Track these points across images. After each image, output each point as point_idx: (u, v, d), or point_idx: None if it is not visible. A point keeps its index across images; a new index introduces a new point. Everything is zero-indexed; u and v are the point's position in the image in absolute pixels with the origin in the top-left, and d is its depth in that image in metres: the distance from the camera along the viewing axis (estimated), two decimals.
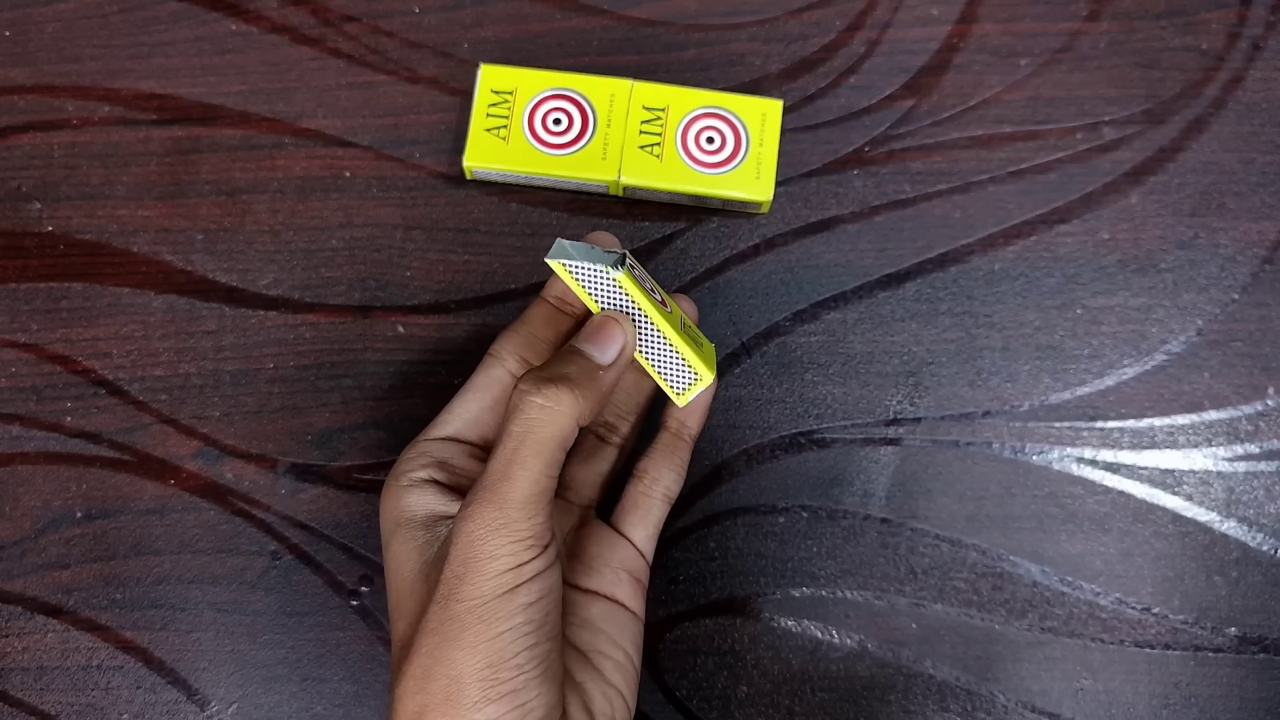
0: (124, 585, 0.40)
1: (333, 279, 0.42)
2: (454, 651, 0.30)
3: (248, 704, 0.39)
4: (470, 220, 0.43)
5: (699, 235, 0.43)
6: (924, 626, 0.39)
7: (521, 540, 0.30)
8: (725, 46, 0.45)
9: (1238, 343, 0.42)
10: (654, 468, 0.38)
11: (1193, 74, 0.44)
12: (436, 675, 0.30)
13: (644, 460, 0.39)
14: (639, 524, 0.38)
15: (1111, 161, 0.43)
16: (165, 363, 0.42)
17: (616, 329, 0.34)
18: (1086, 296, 0.42)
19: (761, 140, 0.42)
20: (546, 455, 0.31)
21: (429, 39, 0.45)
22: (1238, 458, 0.41)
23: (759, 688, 0.39)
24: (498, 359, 0.36)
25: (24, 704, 0.39)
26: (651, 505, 0.38)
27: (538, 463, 0.31)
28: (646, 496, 0.38)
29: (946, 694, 0.39)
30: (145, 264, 0.43)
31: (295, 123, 0.44)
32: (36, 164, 0.44)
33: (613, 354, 0.33)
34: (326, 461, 0.41)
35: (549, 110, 0.42)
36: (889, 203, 0.43)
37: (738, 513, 0.40)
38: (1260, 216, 0.43)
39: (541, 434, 0.31)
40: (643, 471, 0.38)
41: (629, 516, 0.38)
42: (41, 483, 0.41)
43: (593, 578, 0.36)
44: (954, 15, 0.45)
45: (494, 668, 0.29)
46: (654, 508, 0.38)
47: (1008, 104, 0.44)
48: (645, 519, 0.38)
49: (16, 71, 0.45)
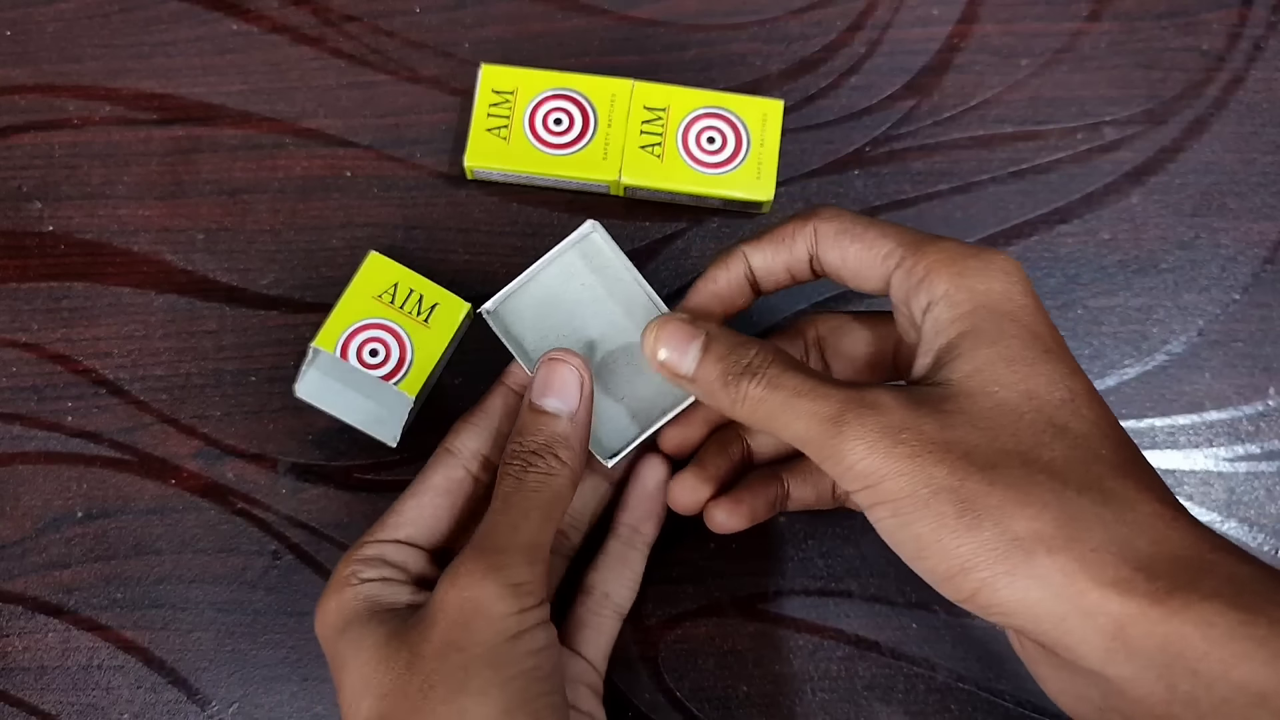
0: (124, 585, 0.40)
1: (333, 279, 0.42)
2: (464, 700, 0.28)
3: (248, 704, 0.39)
4: (471, 220, 0.43)
5: (699, 235, 0.43)
6: (924, 626, 0.39)
7: (522, 585, 0.29)
8: (726, 46, 0.45)
9: (1239, 343, 0.42)
10: (603, 582, 0.36)
11: (1194, 74, 0.44)
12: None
13: (593, 573, 0.36)
14: (591, 642, 0.35)
15: (1112, 162, 0.43)
16: (166, 362, 0.42)
17: (567, 370, 0.32)
18: (1087, 297, 0.42)
19: (762, 140, 0.42)
20: (542, 512, 0.31)
21: (430, 39, 0.45)
22: (1239, 458, 0.41)
23: (759, 688, 0.39)
24: (457, 457, 0.34)
25: (24, 704, 0.39)
26: (602, 623, 0.36)
27: (537, 515, 0.30)
28: (596, 615, 0.36)
29: (947, 694, 0.39)
30: (146, 264, 0.43)
31: (296, 122, 0.44)
32: (37, 164, 0.44)
33: (575, 399, 0.32)
34: (327, 461, 0.41)
35: (550, 110, 0.42)
36: (890, 203, 0.43)
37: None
38: (1261, 217, 0.43)
39: (539, 496, 0.31)
40: (591, 586, 0.36)
41: (579, 634, 0.35)
42: (42, 482, 0.41)
43: None
44: (955, 15, 0.45)
45: (509, 713, 0.28)
46: (604, 625, 0.36)
47: (1008, 104, 0.44)
48: (597, 637, 0.36)
49: (17, 71, 0.45)
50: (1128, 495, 0.27)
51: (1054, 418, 0.27)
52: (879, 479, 0.27)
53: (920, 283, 0.29)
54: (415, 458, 0.41)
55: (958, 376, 0.28)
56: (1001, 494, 0.26)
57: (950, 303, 0.29)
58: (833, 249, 0.31)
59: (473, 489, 0.34)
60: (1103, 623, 0.25)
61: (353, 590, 0.32)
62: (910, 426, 0.27)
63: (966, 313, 0.29)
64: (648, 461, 0.37)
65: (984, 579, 0.26)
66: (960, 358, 0.28)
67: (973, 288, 0.29)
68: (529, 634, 0.29)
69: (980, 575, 0.26)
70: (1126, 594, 0.25)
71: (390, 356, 0.37)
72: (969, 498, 0.26)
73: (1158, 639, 0.24)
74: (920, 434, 0.27)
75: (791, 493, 0.36)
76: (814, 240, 0.32)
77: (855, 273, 0.31)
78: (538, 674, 0.29)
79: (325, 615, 0.32)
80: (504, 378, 0.36)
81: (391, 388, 0.37)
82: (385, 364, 0.37)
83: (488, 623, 0.28)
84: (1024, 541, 0.25)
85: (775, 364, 0.29)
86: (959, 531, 0.26)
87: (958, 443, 0.27)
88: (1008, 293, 0.29)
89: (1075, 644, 0.25)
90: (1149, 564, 0.25)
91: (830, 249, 0.31)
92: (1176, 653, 0.24)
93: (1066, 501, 0.26)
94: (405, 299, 0.38)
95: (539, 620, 0.30)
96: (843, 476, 0.28)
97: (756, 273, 0.33)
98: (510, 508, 0.30)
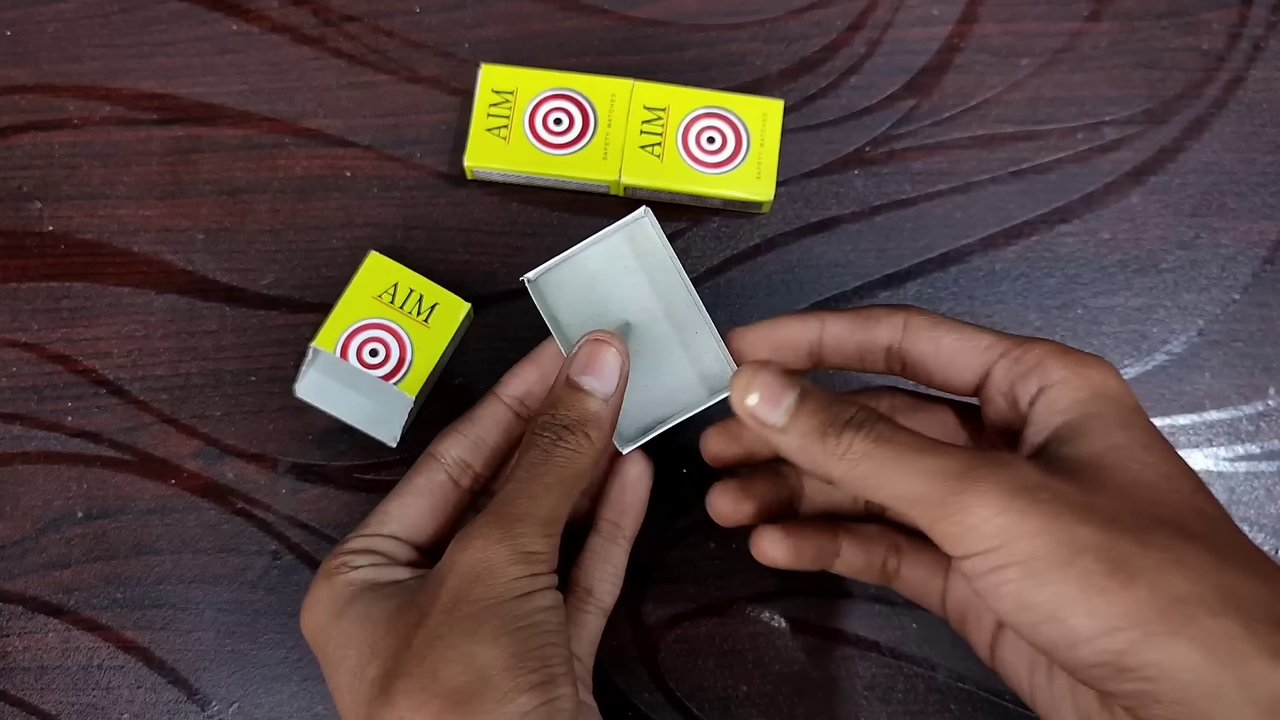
0: (125, 585, 0.40)
1: (333, 279, 0.42)
2: (472, 645, 0.28)
3: (248, 704, 0.39)
4: (471, 220, 0.43)
5: (699, 235, 0.43)
6: (924, 626, 0.39)
7: (535, 554, 0.29)
8: (726, 46, 0.45)
9: (1239, 343, 0.42)
10: (585, 577, 0.36)
11: (1194, 74, 0.44)
12: (451, 675, 0.27)
13: (575, 569, 0.36)
14: (576, 638, 0.35)
15: (1112, 161, 0.43)
16: (166, 362, 0.42)
17: (610, 352, 0.32)
18: (1087, 297, 0.42)
19: (762, 140, 0.42)
20: (564, 487, 0.31)
21: (430, 39, 0.45)
22: (1239, 458, 0.41)
23: (759, 688, 0.39)
24: (441, 463, 0.35)
25: (24, 704, 0.39)
26: (585, 620, 0.35)
27: (559, 489, 0.31)
28: (579, 611, 0.35)
29: (947, 694, 0.39)
30: (146, 264, 0.43)
31: (296, 122, 0.44)
32: (37, 164, 0.44)
33: (613, 382, 0.32)
34: (327, 461, 0.41)
35: (550, 110, 0.42)
36: (890, 203, 0.43)
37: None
38: (1261, 216, 0.43)
39: (563, 471, 0.31)
40: (574, 582, 0.36)
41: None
42: (42, 482, 0.41)
43: None
44: (955, 15, 0.45)
45: (520, 658, 0.28)
46: (587, 622, 0.35)
47: (1009, 104, 0.44)
48: (581, 633, 0.35)
49: (17, 71, 0.45)
50: (1266, 565, 0.26)
51: (1192, 500, 0.27)
52: (1011, 538, 0.25)
53: (1032, 370, 0.29)
54: (415, 458, 0.41)
55: (1089, 453, 0.27)
56: (1158, 555, 0.25)
57: (1070, 386, 0.28)
58: (926, 339, 0.31)
59: (454, 494, 0.35)
60: (1260, 694, 0.23)
61: (344, 578, 0.32)
62: (1047, 488, 0.26)
63: (1088, 398, 0.28)
64: (627, 458, 0.37)
65: (1134, 639, 0.24)
66: (1089, 436, 0.28)
67: (1090, 376, 0.29)
68: (538, 594, 0.29)
69: (1130, 635, 0.24)
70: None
71: (390, 356, 0.37)
72: (1120, 558, 0.25)
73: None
74: (1059, 494, 0.26)
75: (843, 552, 0.35)
76: (903, 329, 0.32)
77: (948, 363, 0.31)
78: (546, 626, 0.29)
79: (315, 606, 0.32)
80: (496, 388, 0.36)
81: (391, 388, 0.37)
82: (385, 364, 0.37)
83: (498, 580, 0.29)
84: (1184, 603, 0.24)
85: (882, 421, 0.28)
86: (1110, 590, 0.24)
87: (1101, 506, 0.26)
88: (1121, 388, 0.29)
89: (1224, 715, 0.24)
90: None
91: (923, 339, 0.31)
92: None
93: (1224, 571, 0.25)
94: (405, 299, 0.38)
95: (548, 585, 0.30)
96: (964, 537, 0.26)
97: (826, 342, 0.33)
98: (534, 479, 0.31)
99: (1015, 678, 0.31)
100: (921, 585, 0.34)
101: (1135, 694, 0.25)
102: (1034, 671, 0.30)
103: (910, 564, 0.34)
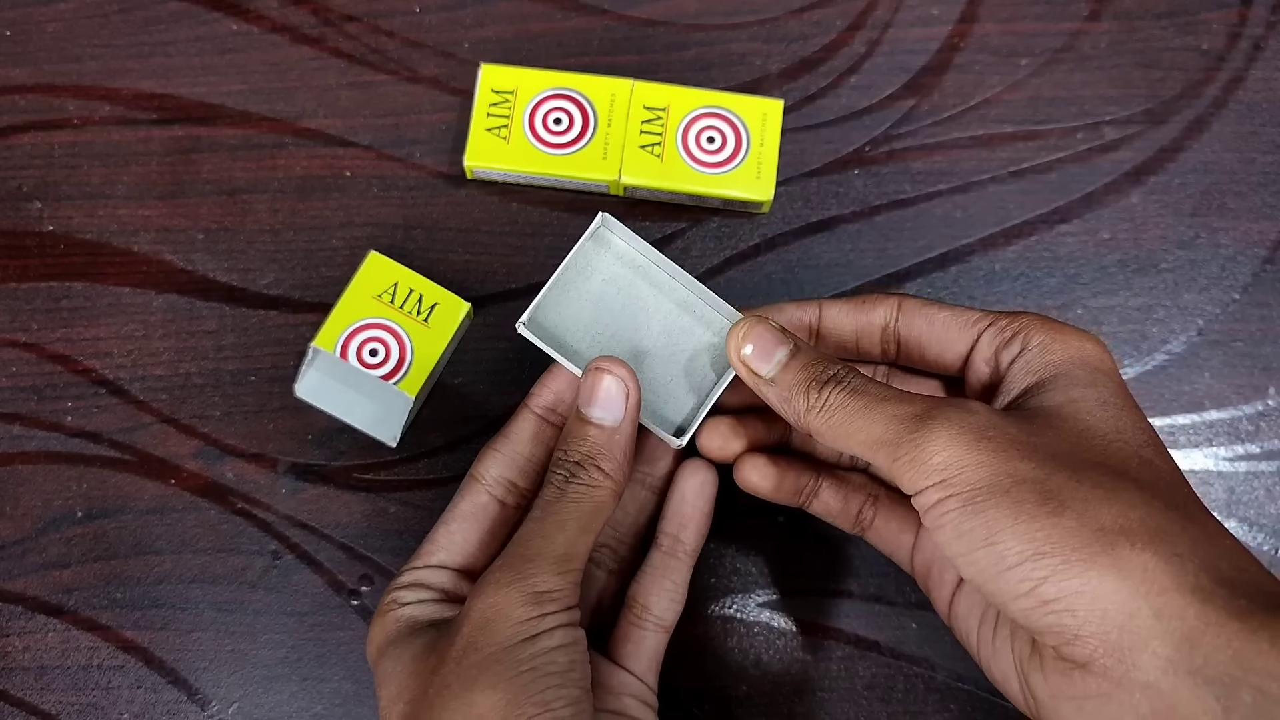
0: (124, 585, 0.40)
1: (333, 279, 0.42)
2: (472, 695, 0.28)
3: (248, 704, 0.39)
4: (471, 220, 0.43)
5: (699, 235, 0.43)
6: (924, 626, 0.39)
7: (546, 594, 0.29)
8: (726, 46, 0.45)
9: (1238, 343, 0.42)
10: (643, 594, 0.35)
11: (1193, 74, 0.44)
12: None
13: (634, 584, 0.36)
14: (633, 656, 0.35)
15: (1112, 161, 0.43)
16: (166, 362, 0.42)
17: (609, 379, 0.32)
18: (1087, 296, 0.42)
19: (762, 140, 0.42)
20: (579, 523, 0.31)
21: (430, 39, 0.45)
22: (1238, 458, 0.41)
23: (759, 688, 0.39)
24: (482, 484, 0.34)
25: (24, 703, 0.39)
26: (644, 637, 0.35)
27: (574, 525, 0.31)
28: (638, 628, 0.35)
29: (947, 694, 0.39)
30: (146, 263, 0.43)
31: (296, 122, 0.44)
32: (37, 164, 0.44)
33: (619, 409, 0.32)
34: (327, 461, 0.41)
35: (550, 110, 0.42)
36: (889, 202, 0.43)
37: (738, 513, 0.40)
38: (1261, 216, 0.43)
39: (578, 507, 0.31)
40: (632, 599, 0.36)
41: (623, 648, 0.35)
42: (42, 482, 0.41)
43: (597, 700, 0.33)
44: (954, 15, 0.45)
45: (517, 704, 0.28)
46: (646, 639, 0.35)
47: (1008, 104, 0.44)
48: (638, 651, 0.35)
49: (17, 71, 0.45)
50: (1210, 524, 0.27)
51: (1140, 452, 0.28)
52: (956, 471, 0.27)
53: (1015, 335, 0.31)
54: (415, 457, 0.41)
55: (1049, 404, 0.29)
56: (1089, 490, 0.26)
57: (1045, 349, 0.30)
58: (919, 316, 0.33)
59: (499, 513, 0.35)
60: (1175, 626, 0.24)
61: (393, 614, 0.32)
62: (997, 427, 0.27)
63: (1061, 360, 0.30)
64: (686, 468, 0.37)
65: (1056, 565, 0.25)
66: (1053, 390, 0.29)
67: (1068, 342, 0.30)
68: (545, 635, 0.29)
69: (1052, 562, 0.25)
70: (1206, 601, 0.24)
71: (390, 356, 0.37)
72: (1054, 489, 0.26)
73: (1230, 652, 0.23)
74: (1006, 434, 0.27)
75: (822, 492, 0.36)
76: (897, 311, 0.33)
77: (940, 337, 0.33)
78: (550, 668, 0.29)
79: (371, 642, 0.33)
80: (528, 400, 0.36)
81: (391, 387, 0.37)
82: (385, 364, 0.37)
83: (505, 625, 0.29)
84: (1108, 532, 0.25)
85: (859, 377, 0.30)
86: (1039, 517, 0.25)
87: (1045, 445, 0.27)
88: (1100, 354, 0.30)
89: (1137, 647, 0.24)
90: (1231, 581, 0.24)
91: (916, 317, 0.33)
92: (1248, 669, 0.23)
93: (1154, 510, 0.26)
94: (405, 299, 0.38)
95: (560, 624, 0.30)
96: (917, 473, 0.27)
97: (824, 325, 0.35)
98: (547, 517, 0.31)
99: (966, 633, 0.32)
100: (893, 538, 0.35)
101: (1058, 630, 0.25)
102: (982, 625, 0.31)
103: (885, 515, 0.35)
